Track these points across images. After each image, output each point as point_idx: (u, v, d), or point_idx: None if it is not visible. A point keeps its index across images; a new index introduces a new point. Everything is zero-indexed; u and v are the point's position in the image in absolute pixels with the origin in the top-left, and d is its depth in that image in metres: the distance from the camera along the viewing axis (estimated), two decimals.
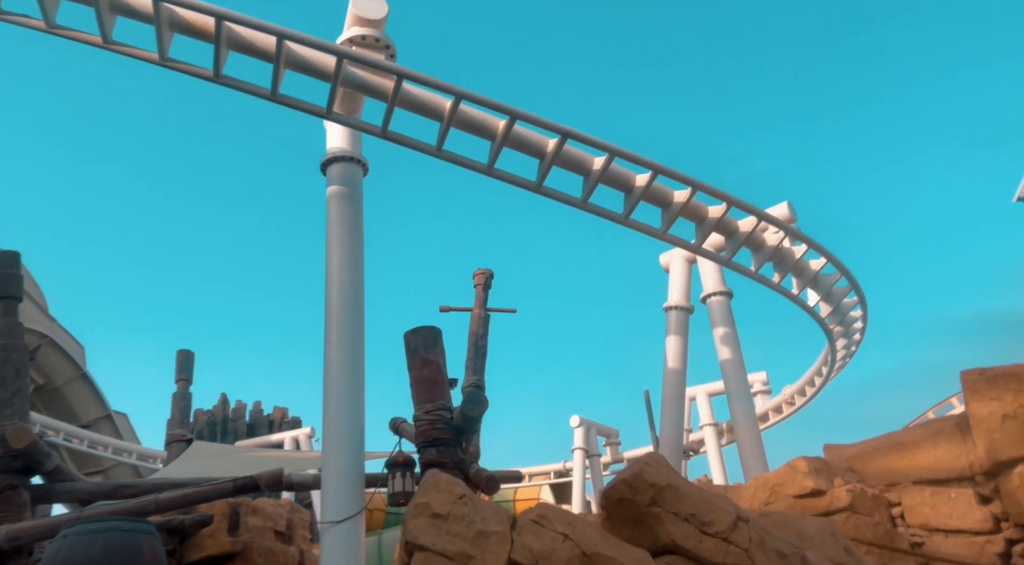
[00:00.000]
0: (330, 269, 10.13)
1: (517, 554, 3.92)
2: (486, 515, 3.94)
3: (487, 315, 16.78)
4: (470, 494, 4.05)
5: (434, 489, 4.00)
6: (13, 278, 9.59)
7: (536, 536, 3.98)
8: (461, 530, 3.89)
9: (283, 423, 41.68)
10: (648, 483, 4.18)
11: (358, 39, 9.73)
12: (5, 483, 8.34)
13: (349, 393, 9.44)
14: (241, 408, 44.31)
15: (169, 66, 9.45)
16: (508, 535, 3.95)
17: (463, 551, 3.84)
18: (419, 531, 3.90)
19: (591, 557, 3.93)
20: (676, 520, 4.08)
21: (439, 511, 3.93)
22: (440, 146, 10.07)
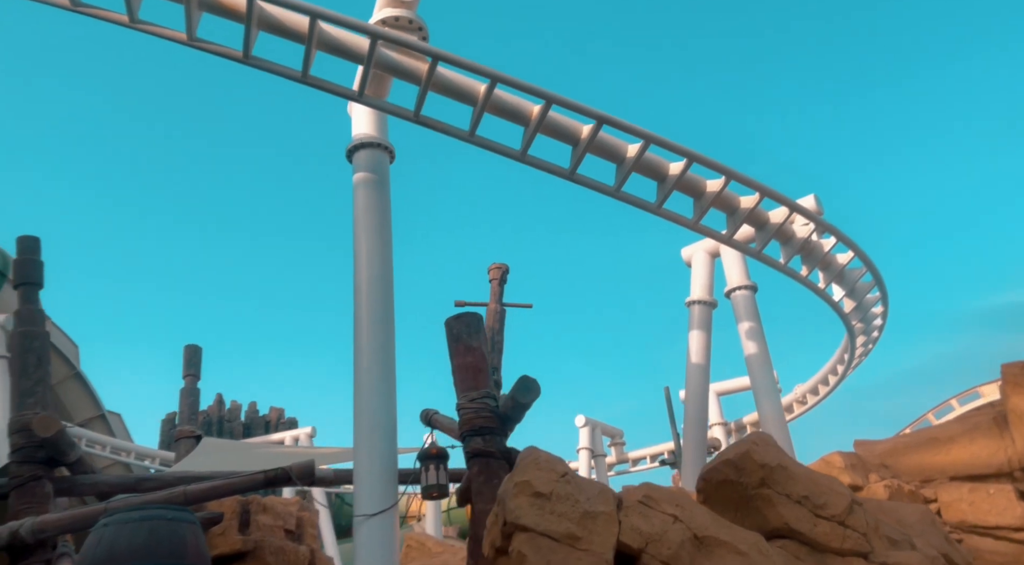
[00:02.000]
0: (358, 258, 9.92)
1: (626, 536, 3.69)
2: (591, 494, 3.71)
3: (503, 310, 16.54)
4: (572, 472, 3.81)
5: (535, 467, 3.76)
6: (33, 264, 9.28)
7: (644, 517, 3.75)
8: (566, 510, 3.65)
9: (279, 423, 41.29)
10: (757, 463, 3.96)
11: (391, 20, 9.49)
12: (28, 474, 8.03)
13: (380, 384, 9.23)
14: (237, 409, 43.91)
15: (197, 46, 9.17)
16: (615, 516, 3.71)
17: (570, 532, 3.60)
18: (521, 511, 3.65)
19: (703, 540, 3.70)
20: (788, 502, 3.86)
21: (541, 490, 3.69)
22: (473, 131, 9.84)
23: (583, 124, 10.10)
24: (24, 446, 8.12)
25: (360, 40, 9.41)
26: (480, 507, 7.18)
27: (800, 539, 3.82)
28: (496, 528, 3.93)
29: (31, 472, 8.03)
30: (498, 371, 16.03)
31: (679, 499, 3.86)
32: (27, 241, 9.41)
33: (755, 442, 4.01)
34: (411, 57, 9.51)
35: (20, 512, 7.84)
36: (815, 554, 3.77)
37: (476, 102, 9.70)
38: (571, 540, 3.60)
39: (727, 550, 3.68)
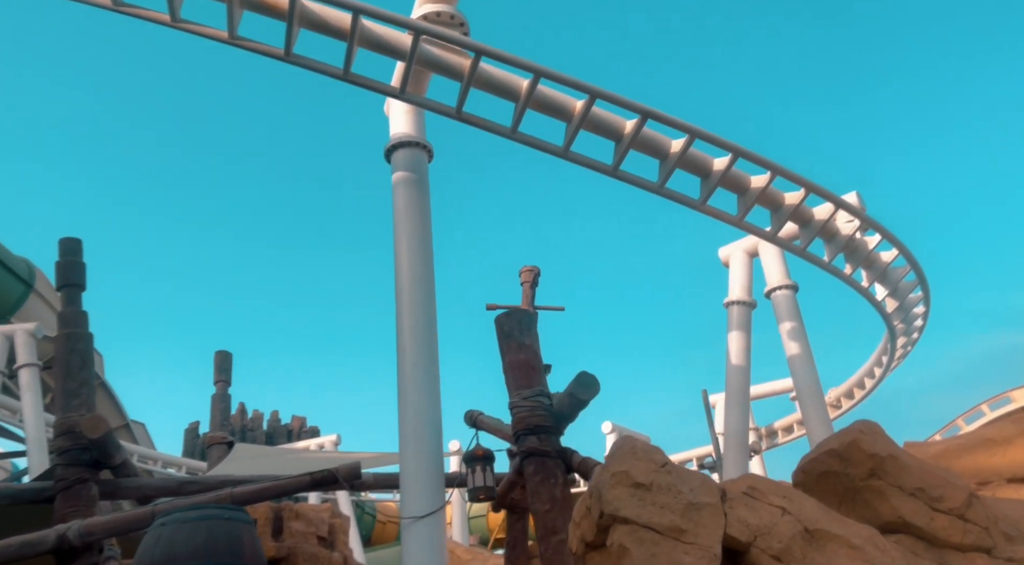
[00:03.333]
0: (399, 258, 9.82)
1: (733, 529, 3.49)
2: (694, 485, 3.51)
3: (535, 313, 16.38)
4: (671, 462, 3.62)
5: (632, 456, 3.58)
6: (76, 266, 9.23)
7: (751, 509, 3.55)
8: (669, 501, 3.46)
9: (302, 432, 41.25)
10: (866, 453, 3.75)
11: (432, 15, 9.38)
12: (75, 477, 7.93)
13: (425, 385, 9.10)
14: (259, 418, 43.92)
15: (239, 44, 9.11)
16: (720, 508, 3.51)
17: (674, 524, 3.40)
18: (620, 502, 3.46)
19: (814, 534, 3.49)
20: (901, 495, 3.65)
21: (641, 480, 3.51)
22: (515, 128, 9.70)
23: (626, 119, 9.94)
24: (70, 448, 8.03)
25: (401, 36, 9.31)
26: (538, 508, 6.99)
27: (916, 533, 3.60)
28: (588, 521, 3.74)
29: (77, 475, 7.93)
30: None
31: (786, 490, 3.65)
32: (69, 243, 9.36)
33: (862, 430, 3.80)
34: (453, 52, 9.40)
35: (66, 515, 7.74)
36: (933, 549, 3.56)
37: (519, 98, 9.57)
38: (676, 533, 3.41)
39: (840, 544, 3.47)
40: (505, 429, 9.40)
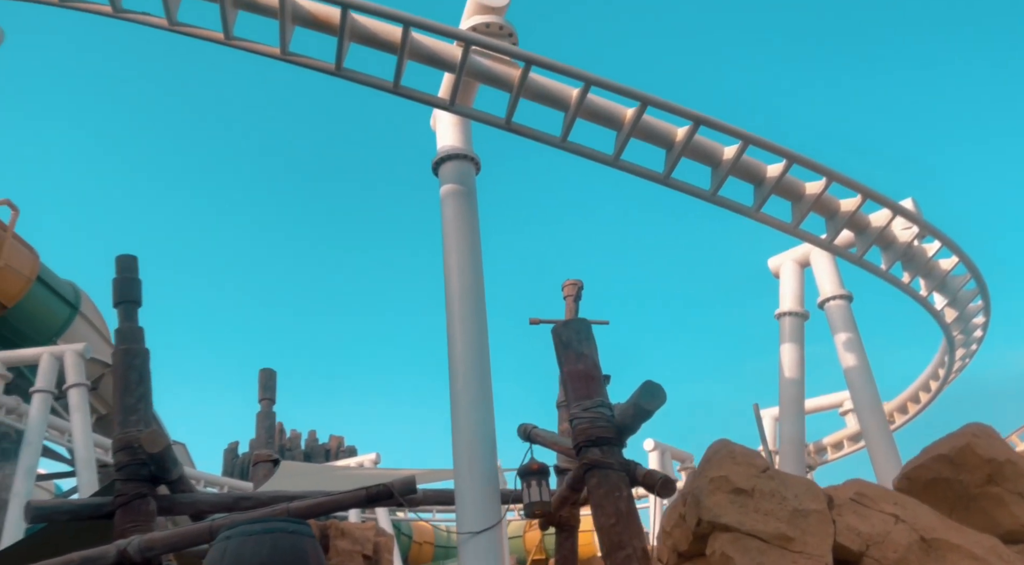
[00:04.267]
0: (449, 271, 9.77)
1: (843, 537, 3.29)
2: (799, 491, 3.32)
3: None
4: (773, 467, 3.43)
5: (731, 460, 3.40)
6: (132, 282, 9.29)
7: (861, 517, 3.34)
8: (773, 508, 3.27)
9: (339, 452, 41.32)
10: (981, 458, 3.52)
11: (481, 27, 9.37)
12: (134, 492, 7.92)
13: (478, 398, 9.00)
14: (296, 437, 44.10)
15: (290, 60, 9.18)
16: (828, 515, 3.31)
17: (780, 532, 3.21)
18: (721, 509, 3.29)
19: (931, 543, 3.27)
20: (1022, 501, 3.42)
21: (741, 486, 3.33)
22: (565, 137, 9.62)
23: (677, 126, 9.80)
24: (129, 463, 8.03)
25: (450, 48, 9.32)
26: (603, 522, 6.79)
27: None
28: (682, 530, 3.56)
29: (136, 490, 7.92)
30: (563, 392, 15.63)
31: (897, 497, 3.45)
32: (125, 260, 9.44)
33: (975, 434, 3.57)
34: (502, 63, 9.37)
35: (126, 530, 7.72)
36: None
37: (568, 106, 9.49)
38: (783, 541, 3.22)
39: (961, 555, 3.25)
40: (561, 442, 9.23)
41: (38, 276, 27.54)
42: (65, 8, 9.14)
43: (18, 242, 26.86)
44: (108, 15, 9.15)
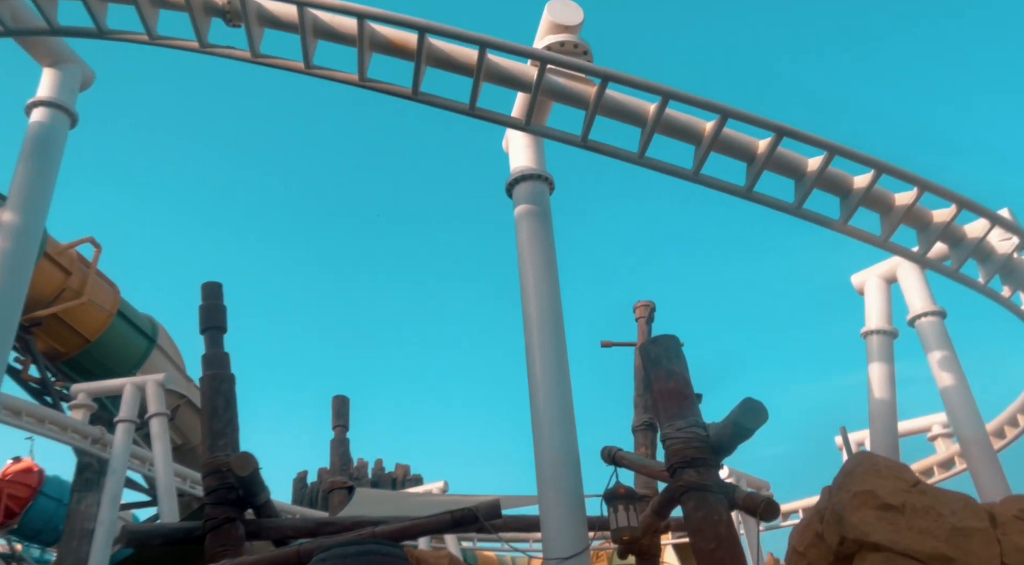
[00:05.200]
0: (526, 292, 9.67)
1: (1010, 558, 2.97)
2: (956, 507, 3.04)
3: None
4: (923, 481, 3.15)
5: (875, 474, 3.14)
6: (217, 309, 9.48)
7: None
8: (929, 525, 2.99)
9: (406, 480, 41.33)
10: None
11: (555, 46, 9.34)
12: (223, 516, 7.96)
13: (560, 422, 8.82)
14: (363, 466, 44.33)
15: (368, 86, 9.31)
16: (992, 533, 3.01)
17: (938, 552, 2.93)
18: (868, 526, 3.02)
19: None
20: None
21: (890, 501, 3.06)
22: (642, 153, 9.46)
23: (758, 138, 9.54)
24: (218, 487, 8.09)
25: (525, 68, 9.32)
26: (702, 546, 6.47)
27: None
28: (821, 549, 3.30)
29: (225, 514, 7.96)
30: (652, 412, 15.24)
31: None
32: (210, 287, 9.64)
33: None
34: (578, 81, 9.31)
35: (216, 554, 7.75)
36: None
37: (645, 122, 9.35)
38: (942, 561, 2.93)
39: None
40: (650, 465, 8.94)
41: (119, 310, 28.58)
42: (155, 46, 9.48)
43: (100, 278, 27.95)
44: (195, 50, 9.45)
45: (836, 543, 3.16)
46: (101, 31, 9.42)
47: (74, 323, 26.56)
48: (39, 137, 10.80)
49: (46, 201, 10.65)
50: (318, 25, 9.09)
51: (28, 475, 29.79)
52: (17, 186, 10.40)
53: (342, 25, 9.08)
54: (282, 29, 9.23)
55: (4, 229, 10.04)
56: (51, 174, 10.80)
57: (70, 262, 25.89)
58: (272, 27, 9.25)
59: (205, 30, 9.30)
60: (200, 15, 9.14)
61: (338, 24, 9.10)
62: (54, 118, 10.99)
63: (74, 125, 11.36)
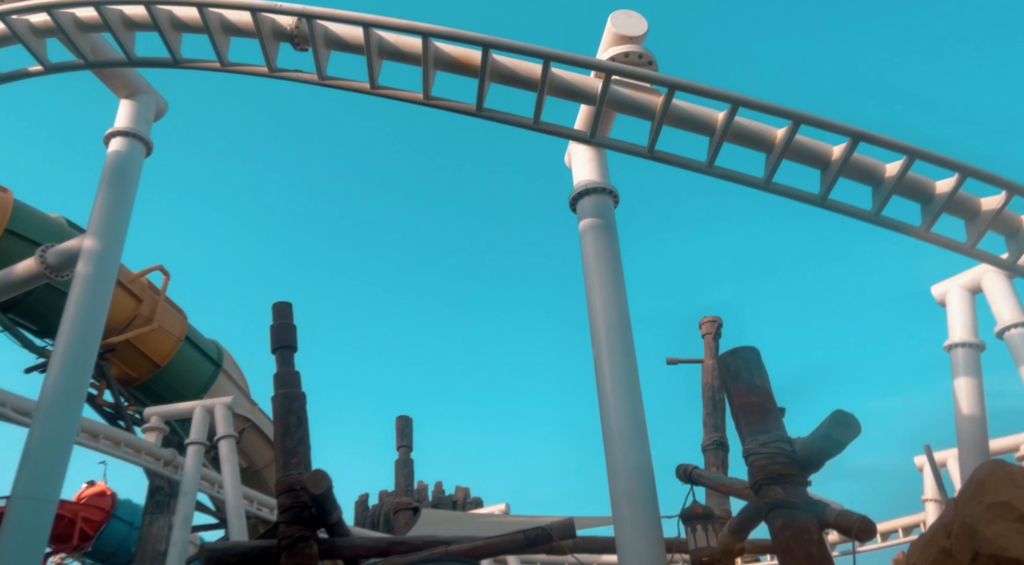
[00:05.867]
0: (593, 306, 9.54)
1: None
2: None
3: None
4: None
5: (1011, 483, 2.88)
6: (288, 328, 9.57)
7: None
8: None
9: (466, 503, 41.16)
10: None
11: (620, 57, 9.25)
12: (297, 534, 7.94)
13: (633, 441, 8.62)
14: (423, 489, 44.34)
15: (433, 105, 9.36)
16: None
17: None
18: (1006, 540, 2.77)
19: None
20: None
21: None
22: (711, 162, 9.25)
23: (833, 145, 9.24)
24: (292, 506, 8.09)
25: (589, 80, 9.25)
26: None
27: None
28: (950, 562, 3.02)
29: (299, 532, 7.94)
30: (723, 432, 14.83)
31: None
32: (281, 307, 9.75)
33: None
34: (643, 91, 9.19)
35: None
36: None
37: (714, 130, 9.16)
38: None
39: None
40: (730, 483, 8.62)
41: (186, 336, 29.35)
42: (226, 72, 9.74)
43: (169, 305, 28.78)
44: (264, 75, 9.66)
45: (968, 559, 2.91)
46: (176, 61, 9.71)
47: (145, 349, 27.36)
48: (117, 166, 11.18)
49: (124, 228, 10.99)
50: (383, 46, 9.20)
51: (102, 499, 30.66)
52: (97, 214, 10.77)
53: (406, 45, 9.17)
54: (348, 51, 9.38)
55: (86, 255, 10.39)
56: (129, 202, 11.16)
57: (141, 290, 26.75)
58: (338, 49, 9.40)
59: (274, 55, 9.51)
60: (269, 41, 9.35)
61: (403, 44, 9.19)
62: (131, 147, 11.38)
63: (149, 153, 11.75)
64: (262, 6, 9.02)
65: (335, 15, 8.99)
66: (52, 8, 9.39)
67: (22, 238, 21.68)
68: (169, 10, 9.40)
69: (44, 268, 11.00)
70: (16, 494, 8.32)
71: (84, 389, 9.49)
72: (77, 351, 9.44)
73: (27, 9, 9.47)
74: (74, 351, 9.40)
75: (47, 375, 9.32)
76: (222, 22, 9.42)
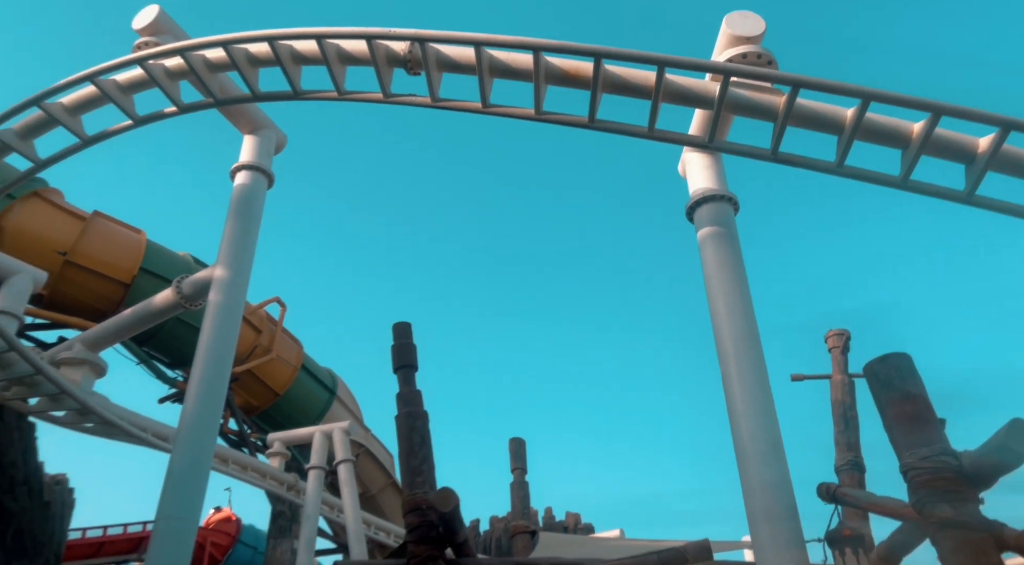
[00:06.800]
0: (717, 317, 9.20)
1: None
2: None
3: (851, 381, 14.56)
4: None
5: None
6: (408, 348, 9.63)
7: None
8: None
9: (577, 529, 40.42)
10: None
11: (737, 58, 8.94)
12: (426, 554, 7.88)
13: (770, 460, 8.18)
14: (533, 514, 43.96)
15: (544, 120, 9.30)
16: None
17: None
18: None
19: None
20: None
21: None
22: (841, 161, 8.72)
23: (978, 136, 8.54)
24: (419, 525, 8.04)
25: (705, 84, 8.97)
26: None
27: None
28: None
29: (428, 552, 7.88)
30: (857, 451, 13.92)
31: None
32: (401, 327, 9.84)
33: None
34: (764, 91, 8.81)
35: None
36: None
37: (843, 128, 8.65)
38: None
39: None
40: (882, 502, 7.98)
41: (302, 365, 30.44)
42: (343, 101, 10.04)
43: (286, 335, 29.98)
44: (379, 101, 9.90)
45: None
46: (296, 93, 10.10)
47: (265, 378, 28.56)
48: (243, 198, 11.72)
49: (250, 256, 11.47)
50: (494, 64, 9.24)
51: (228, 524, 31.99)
52: (226, 244, 11.28)
53: (517, 61, 9.18)
54: (460, 72, 9.48)
55: (217, 284, 10.88)
56: (254, 231, 11.65)
57: (260, 321, 28.00)
58: (450, 71, 9.52)
59: (388, 81, 9.73)
60: (384, 67, 9.58)
61: (513, 61, 9.20)
62: (255, 180, 11.91)
63: (271, 185, 12.27)
64: (377, 33, 9.26)
65: (447, 37, 9.12)
66: (185, 51, 9.98)
67: (155, 275, 23.14)
68: (290, 45, 9.80)
69: (180, 298, 11.59)
70: (161, 514, 8.67)
71: (220, 408, 9.88)
72: (212, 372, 9.85)
73: (163, 54, 10.09)
74: (209, 372, 9.82)
75: (187, 394, 9.76)
76: (339, 52, 9.73)
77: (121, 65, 10.28)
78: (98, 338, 13.07)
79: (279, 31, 9.67)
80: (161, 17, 10.88)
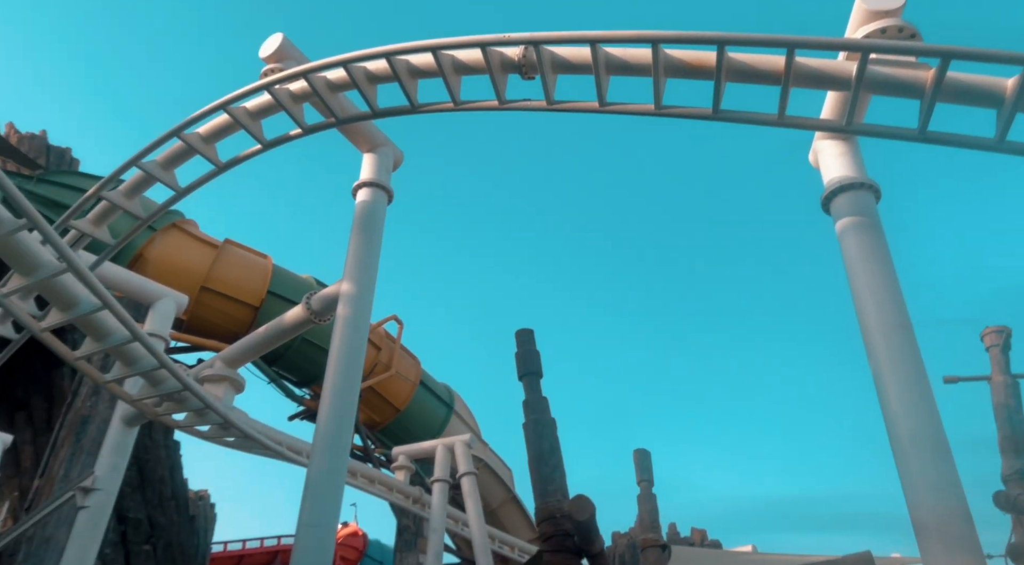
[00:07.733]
0: (865, 316, 8.60)
1: None
2: None
3: (1015, 382, 13.30)
4: None
5: None
6: (532, 355, 9.53)
7: None
8: None
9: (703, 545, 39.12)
10: None
11: (875, 34, 8.34)
12: (563, 563, 7.66)
13: (934, 460, 7.47)
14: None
15: (665, 114, 8.98)
16: None
17: None
18: None
19: None
20: None
21: None
22: (1002, 136, 7.92)
23: None
24: (554, 534, 7.85)
25: (837, 64, 8.39)
26: None
27: None
28: None
29: (565, 561, 7.66)
30: None
31: None
32: (524, 334, 9.76)
33: None
34: (907, 67, 8.15)
35: None
36: None
37: (1002, 101, 7.86)
38: None
39: None
40: None
41: (421, 380, 31.00)
42: (459, 111, 10.09)
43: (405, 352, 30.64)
44: (494, 109, 9.88)
45: None
46: (414, 106, 10.23)
47: (386, 394, 29.25)
48: (365, 214, 11.98)
49: (374, 271, 11.69)
50: (610, 61, 9.02)
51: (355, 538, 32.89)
52: (351, 259, 11.55)
53: (634, 56, 8.91)
54: (576, 72, 9.31)
55: (344, 298, 11.14)
56: (376, 246, 11.87)
57: (379, 338, 28.75)
58: (566, 72, 9.37)
59: (503, 87, 9.68)
60: (498, 73, 9.54)
61: (630, 56, 8.95)
62: (375, 196, 12.16)
63: (390, 201, 12.50)
64: (490, 40, 9.25)
65: (561, 37, 8.98)
66: (307, 74, 10.32)
67: (282, 298, 24.21)
68: (406, 59, 9.95)
69: (310, 313, 11.96)
70: (302, 522, 8.87)
71: (353, 411, 10.09)
72: (344, 380, 10.08)
73: (288, 78, 10.48)
74: (340, 380, 10.05)
75: (321, 400, 10.00)
76: (454, 63, 9.79)
77: (250, 92, 10.76)
78: (236, 356, 13.69)
79: (395, 46, 9.83)
80: (285, 44, 11.33)
